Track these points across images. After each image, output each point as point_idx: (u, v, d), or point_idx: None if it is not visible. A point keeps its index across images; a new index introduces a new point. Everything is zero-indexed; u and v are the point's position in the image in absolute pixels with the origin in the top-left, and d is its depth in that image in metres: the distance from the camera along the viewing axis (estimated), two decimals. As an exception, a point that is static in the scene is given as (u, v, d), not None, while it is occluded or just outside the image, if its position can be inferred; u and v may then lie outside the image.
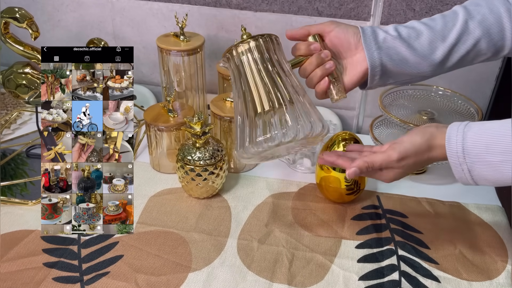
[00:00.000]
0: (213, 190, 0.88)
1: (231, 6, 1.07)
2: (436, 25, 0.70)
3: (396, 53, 0.70)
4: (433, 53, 0.69)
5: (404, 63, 0.70)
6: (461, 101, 0.98)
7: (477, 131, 0.61)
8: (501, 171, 0.59)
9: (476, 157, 0.60)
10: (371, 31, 0.70)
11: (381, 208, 0.87)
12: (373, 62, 0.70)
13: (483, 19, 0.69)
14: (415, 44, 0.69)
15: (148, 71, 1.20)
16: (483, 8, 0.69)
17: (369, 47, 0.69)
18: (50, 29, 1.20)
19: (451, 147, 0.62)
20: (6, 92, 0.88)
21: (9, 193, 0.88)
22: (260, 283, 0.72)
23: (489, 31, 0.69)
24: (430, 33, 0.69)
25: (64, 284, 0.71)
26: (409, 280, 0.72)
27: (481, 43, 0.69)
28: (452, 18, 0.70)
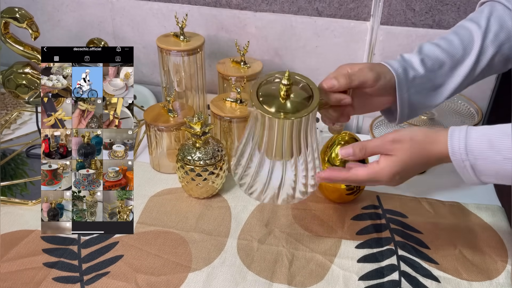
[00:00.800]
0: (213, 190, 0.88)
1: (231, 6, 1.07)
2: (456, 52, 0.70)
3: (423, 89, 0.71)
4: (453, 79, 0.71)
5: (425, 95, 0.72)
6: (461, 101, 0.98)
7: (480, 129, 0.61)
8: (505, 168, 0.58)
9: (479, 154, 0.59)
10: (403, 74, 0.69)
11: (381, 208, 0.87)
12: (403, 107, 0.71)
13: (496, 37, 0.70)
14: (437, 75, 0.71)
15: (148, 71, 1.20)
16: (494, 24, 0.70)
17: (401, 94, 0.70)
18: (50, 29, 1.20)
19: (454, 144, 0.61)
20: (6, 92, 0.88)
21: (9, 193, 0.88)
22: (260, 283, 0.72)
23: (501, 47, 0.70)
24: (452, 61, 0.70)
25: (64, 284, 0.71)
26: (409, 280, 0.72)
27: (494, 60, 0.70)
28: (470, 40, 0.70)
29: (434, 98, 0.72)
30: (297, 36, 1.06)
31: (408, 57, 0.71)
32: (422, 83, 0.70)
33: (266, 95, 0.65)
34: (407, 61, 0.71)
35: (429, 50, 0.71)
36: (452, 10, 0.97)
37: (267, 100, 0.64)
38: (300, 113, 0.63)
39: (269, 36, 1.08)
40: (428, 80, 0.70)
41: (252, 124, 0.67)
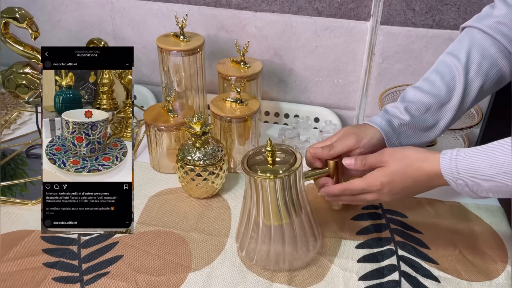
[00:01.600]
0: (213, 190, 0.88)
1: (231, 6, 1.07)
2: (439, 92, 0.71)
3: (412, 133, 0.73)
4: (443, 116, 0.73)
5: (419, 137, 0.74)
6: (461, 101, 0.98)
7: (472, 148, 0.62)
8: (497, 183, 0.59)
9: (470, 172, 0.60)
10: (388, 126, 0.72)
11: (381, 208, 0.87)
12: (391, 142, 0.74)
13: (479, 68, 0.70)
14: (425, 118, 0.72)
15: (148, 71, 1.20)
16: (476, 56, 0.70)
17: (391, 143, 0.73)
18: (50, 29, 1.20)
19: (445, 162, 0.62)
20: (6, 92, 0.88)
21: (9, 193, 0.88)
22: (260, 283, 0.72)
23: (488, 75, 0.71)
24: (437, 103, 0.72)
25: (64, 284, 0.71)
26: (409, 280, 0.72)
27: (484, 88, 0.71)
28: (452, 77, 0.71)
29: (427, 137, 0.74)
30: (297, 36, 1.06)
31: (391, 109, 0.73)
32: (411, 129, 0.72)
33: (256, 163, 0.70)
34: (390, 113, 0.73)
35: (413, 96, 0.73)
36: (452, 10, 0.97)
37: (257, 168, 0.69)
38: (287, 172, 0.67)
39: (269, 36, 1.08)
40: (417, 125, 0.72)
41: (247, 195, 0.71)
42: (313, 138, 1.02)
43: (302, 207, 0.71)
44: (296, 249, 0.72)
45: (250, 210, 0.71)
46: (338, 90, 1.11)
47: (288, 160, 0.70)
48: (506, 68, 0.71)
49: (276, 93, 1.15)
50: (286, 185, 0.68)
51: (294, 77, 1.12)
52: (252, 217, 0.71)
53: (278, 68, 1.11)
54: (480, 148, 0.60)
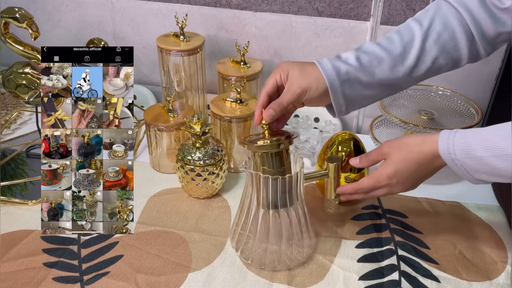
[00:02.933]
0: (213, 190, 0.88)
1: (231, 6, 1.07)
2: (395, 49, 0.71)
3: (358, 82, 0.71)
4: (394, 77, 0.71)
5: (365, 90, 0.72)
6: (461, 101, 0.98)
7: (470, 130, 0.62)
8: (492, 166, 0.59)
9: (465, 153, 0.61)
10: (335, 74, 0.70)
11: (381, 208, 0.87)
12: (339, 106, 0.72)
13: (438, 37, 0.70)
14: (376, 71, 0.71)
15: (148, 71, 1.20)
16: (438, 25, 0.70)
17: (336, 99, 0.71)
18: (50, 29, 1.20)
19: (443, 143, 0.63)
20: (6, 92, 0.88)
21: (9, 193, 0.88)
22: (260, 283, 0.72)
23: (445, 47, 0.71)
24: (390, 58, 0.71)
25: (64, 284, 0.71)
26: (409, 280, 0.72)
27: (438, 60, 0.71)
28: (410, 39, 0.71)
29: (368, 92, 0.73)
30: (297, 36, 1.06)
31: (343, 55, 0.72)
32: (356, 78, 0.70)
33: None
34: (342, 58, 0.71)
35: (368, 47, 0.72)
36: (452, 10, 0.97)
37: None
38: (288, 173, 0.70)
39: (269, 36, 1.08)
40: (364, 75, 0.70)
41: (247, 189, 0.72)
42: (313, 139, 1.02)
43: (299, 206, 0.72)
44: (291, 248, 0.73)
45: (249, 208, 0.72)
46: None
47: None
48: (463, 46, 0.71)
49: (276, 93, 1.15)
50: (287, 185, 0.69)
51: (294, 77, 1.12)
52: (251, 215, 0.72)
53: (278, 68, 1.11)
54: (477, 130, 0.61)
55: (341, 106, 0.72)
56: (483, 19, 0.70)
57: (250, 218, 0.72)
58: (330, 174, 0.74)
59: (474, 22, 0.70)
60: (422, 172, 0.68)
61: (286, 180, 0.68)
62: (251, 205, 0.72)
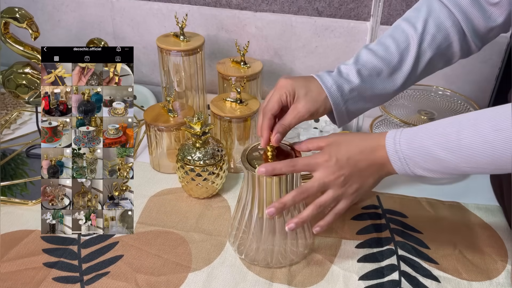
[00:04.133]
0: (213, 190, 0.88)
1: (231, 6, 1.07)
2: (392, 58, 0.71)
3: (360, 98, 0.72)
4: (393, 85, 0.72)
5: (366, 103, 0.74)
6: (461, 101, 0.98)
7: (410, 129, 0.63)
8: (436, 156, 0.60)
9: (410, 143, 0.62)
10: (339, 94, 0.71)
11: (381, 208, 0.87)
12: (342, 122, 0.74)
13: (433, 40, 0.71)
14: (376, 83, 0.72)
15: (148, 71, 1.20)
16: (432, 27, 0.71)
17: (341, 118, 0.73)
18: (50, 29, 1.20)
19: (390, 134, 0.64)
20: (6, 92, 0.88)
21: (9, 193, 0.88)
22: (260, 283, 0.72)
23: (439, 48, 0.71)
24: (389, 69, 0.72)
25: (64, 284, 0.71)
26: (409, 280, 0.72)
27: (433, 60, 0.72)
28: (406, 45, 0.71)
29: (372, 103, 0.75)
30: (297, 36, 1.06)
31: (344, 71, 0.72)
32: (359, 94, 0.72)
33: (255, 158, 0.71)
34: (343, 75, 0.72)
35: (366, 59, 0.72)
36: (452, 10, 0.97)
37: (255, 163, 0.70)
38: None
39: (269, 36, 1.08)
40: (366, 89, 0.72)
41: (244, 189, 0.72)
42: (313, 138, 1.02)
43: (296, 206, 0.72)
44: (285, 247, 0.73)
45: (245, 204, 0.72)
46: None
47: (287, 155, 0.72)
48: (456, 44, 0.72)
49: (276, 93, 1.15)
50: (283, 183, 0.68)
51: (294, 77, 1.12)
52: (247, 211, 0.72)
53: (278, 68, 1.11)
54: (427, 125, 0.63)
55: (343, 120, 0.74)
56: (475, 17, 0.70)
57: (246, 215, 0.73)
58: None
59: (466, 20, 0.70)
60: (363, 162, 0.65)
61: (283, 179, 0.68)
62: (246, 201, 0.72)
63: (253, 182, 0.69)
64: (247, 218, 0.72)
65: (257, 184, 0.69)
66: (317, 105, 0.70)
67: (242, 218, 0.73)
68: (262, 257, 0.74)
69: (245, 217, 0.73)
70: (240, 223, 0.74)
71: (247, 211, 0.72)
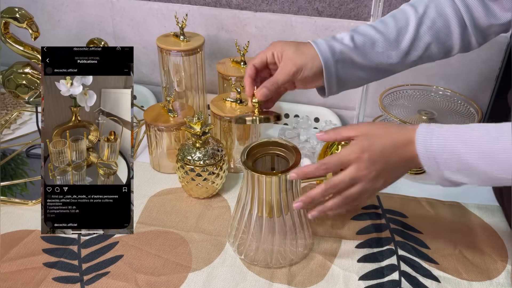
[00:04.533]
0: (213, 190, 0.88)
1: (231, 6, 1.07)
2: (389, 33, 0.71)
3: (352, 63, 0.71)
4: (387, 61, 0.71)
5: (358, 71, 0.72)
6: (461, 101, 0.98)
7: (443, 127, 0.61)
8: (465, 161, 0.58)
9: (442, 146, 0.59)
10: (330, 54, 0.70)
11: (381, 208, 0.87)
12: (331, 85, 0.72)
13: (433, 24, 0.71)
14: (370, 53, 0.71)
15: (148, 71, 1.20)
16: (432, 12, 0.71)
17: (330, 80, 0.71)
18: (50, 29, 1.20)
19: (421, 130, 0.61)
20: (6, 92, 0.88)
21: (9, 193, 0.88)
22: (260, 283, 0.72)
23: (438, 34, 0.71)
24: (384, 42, 0.71)
25: (64, 284, 0.71)
26: (409, 280, 0.72)
27: (431, 47, 0.72)
28: (405, 24, 0.71)
29: (364, 74, 0.73)
30: (297, 36, 1.06)
31: (339, 35, 0.72)
32: (352, 58, 0.71)
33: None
34: (337, 38, 0.71)
35: (363, 29, 0.72)
36: (452, 10, 0.97)
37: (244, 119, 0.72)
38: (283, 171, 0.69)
39: (269, 36, 1.08)
40: (358, 55, 0.71)
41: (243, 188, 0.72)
42: (313, 139, 1.02)
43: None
44: (284, 247, 0.73)
45: (244, 204, 0.72)
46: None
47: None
48: (456, 34, 0.71)
49: (276, 93, 1.15)
50: (282, 183, 0.68)
51: (294, 77, 1.12)
52: (246, 211, 0.72)
53: (278, 68, 1.11)
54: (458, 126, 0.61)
55: (332, 86, 0.72)
56: (476, 9, 0.70)
57: (245, 215, 0.73)
58: (328, 175, 0.73)
59: (467, 10, 0.70)
60: (395, 157, 0.63)
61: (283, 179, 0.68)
62: (246, 201, 0.72)
63: (253, 181, 0.69)
64: (247, 218, 0.72)
65: (256, 184, 0.69)
66: (304, 58, 0.69)
67: (242, 218, 0.73)
68: (262, 257, 0.74)
69: (244, 217, 0.73)
70: (240, 223, 0.74)
71: (247, 211, 0.72)
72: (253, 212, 0.72)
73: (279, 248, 0.73)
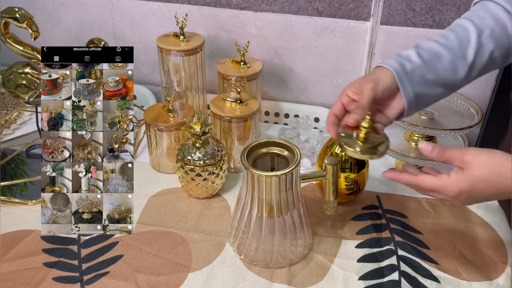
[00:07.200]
0: (213, 190, 0.88)
1: (231, 6, 1.07)
2: (453, 45, 0.70)
3: (424, 80, 0.70)
4: (456, 73, 0.71)
5: (431, 87, 0.71)
6: (461, 101, 0.98)
7: None
8: None
9: None
10: (400, 68, 0.69)
11: (381, 208, 0.87)
12: (409, 98, 0.70)
13: (492, 32, 0.70)
14: (438, 68, 0.70)
15: (148, 71, 1.20)
16: (489, 21, 0.70)
17: (404, 87, 0.70)
18: (50, 29, 1.20)
19: None
20: (6, 92, 0.88)
21: (9, 193, 0.88)
22: (260, 283, 0.72)
23: (500, 41, 0.70)
24: (450, 54, 0.70)
25: (64, 284, 0.71)
26: (409, 280, 0.72)
27: (495, 54, 0.71)
28: (466, 35, 0.70)
29: (436, 90, 0.72)
30: (297, 36, 1.06)
31: (403, 52, 0.72)
32: (424, 76, 0.70)
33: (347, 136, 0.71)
34: (403, 56, 0.71)
35: (425, 44, 0.72)
36: (452, 10, 0.97)
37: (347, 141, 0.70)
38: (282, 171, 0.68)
39: (269, 36, 1.08)
40: (427, 71, 0.70)
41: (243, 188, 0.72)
42: (313, 139, 1.02)
43: (295, 206, 0.72)
44: (284, 247, 0.73)
45: (244, 204, 0.72)
46: (338, 90, 1.09)
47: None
48: None
49: (276, 93, 1.15)
50: (282, 183, 0.68)
51: (294, 77, 1.12)
52: (246, 211, 0.72)
53: (278, 68, 1.11)
54: None
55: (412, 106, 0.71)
56: None
57: (245, 215, 0.73)
58: (328, 175, 0.74)
59: None
60: (496, 197, 0.61)
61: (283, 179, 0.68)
62: (246, 201, 0.72)
63: (253, 181, 0.69)
64: (247, 218, 0.73)
65: (256, 184, 0.69)
66: (374, 76, 0.69)
67: (242, 218, 0.73)
68: (261, 257, 0.74)
69: (244, 217, 0.73)
70: (240, 223, 0.74)
71: (247, 211, 0.72)
72: (253, 212, 0.72)
73: (279, 248, 0.73)
